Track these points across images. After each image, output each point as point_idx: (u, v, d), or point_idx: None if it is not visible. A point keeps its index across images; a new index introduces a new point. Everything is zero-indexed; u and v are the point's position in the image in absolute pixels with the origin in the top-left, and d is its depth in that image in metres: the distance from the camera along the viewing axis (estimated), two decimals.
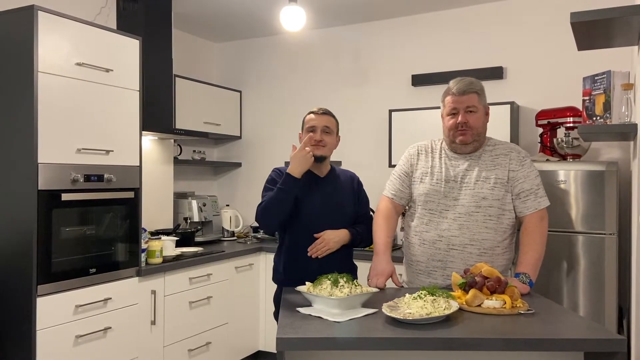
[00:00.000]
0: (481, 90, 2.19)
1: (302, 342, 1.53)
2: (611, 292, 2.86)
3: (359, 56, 4.25)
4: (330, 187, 2.33)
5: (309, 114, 2.38)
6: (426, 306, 1.63)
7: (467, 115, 2.14)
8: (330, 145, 2.36)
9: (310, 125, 2.34)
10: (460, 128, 2.15)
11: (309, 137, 2.28)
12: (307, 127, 2.35)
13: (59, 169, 2.57)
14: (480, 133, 2.18)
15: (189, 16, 4.07)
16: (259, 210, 2.27)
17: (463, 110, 2.14)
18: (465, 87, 2.15)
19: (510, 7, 3.71)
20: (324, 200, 2.28)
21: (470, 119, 2.14)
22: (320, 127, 2.32)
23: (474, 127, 2.15)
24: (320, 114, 2.35)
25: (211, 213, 4.26)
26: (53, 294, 2.52)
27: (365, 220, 2.43)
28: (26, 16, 2.49)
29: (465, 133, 2.15)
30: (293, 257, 2.32)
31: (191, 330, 3.34)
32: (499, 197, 2.13)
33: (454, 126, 2.16)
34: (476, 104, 2.15)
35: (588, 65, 2.95)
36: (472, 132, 2.15)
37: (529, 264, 2.07)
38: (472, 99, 2.15)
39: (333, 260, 2.26)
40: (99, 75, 2.77)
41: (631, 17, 1.80)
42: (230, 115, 4.55)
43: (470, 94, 2.15)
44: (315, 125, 2.33)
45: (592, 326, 1.68)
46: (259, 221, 2.31)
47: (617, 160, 3.23)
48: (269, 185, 2.32)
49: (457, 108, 2.16)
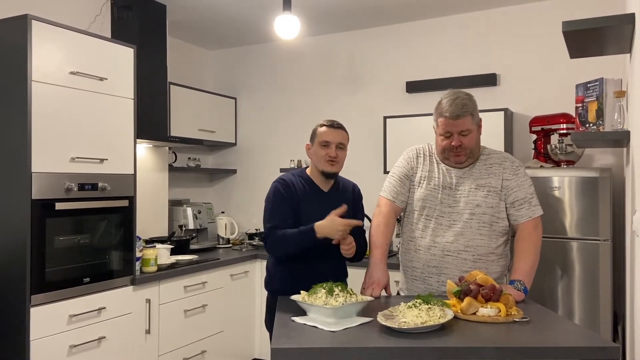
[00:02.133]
0: (474, 109, 2.13)
1: (297, 353, 1.52)
2: (606, 298, 2.86)
3: (353, 63, 4.26)
4: (332, 202, 2.23)
5: (322, 127, 2.29)
6: (421, 315, 1.63)
7: (461, 138, 2.12)
8: (342, 161, 2.32)
9: (325, 139, 2.26)
10: (454, 151, 2.14)
11: (346, 223, 2.13)
12: (321, 141, 2.27)
13: (53, 178, 2.56)
14: (474, 150, 2.17)
15: (183, 24, 4.08)
16: (269, 239, 2.21)
17: (457, 134, 2.12)
18: (459, 111, 2.08)
19: (504, 15, 3.73)
20: (325, 216, 2.17)
21: (465, 140, 2.12)
22: (336, 142, 2.27)
23: (468, 147, 2.14)
24: (336, 129, 2.28)
25: (206, 220, 4.25)
26: (47, 304, 2.51)
27: (360, 234, 2.35)
28: (20, 25, 2.48)
29: (459, 154, 2.15)
30: (291, 269, 2.27)
31: (186, 339, 3.32)
32: (492, 205, 2.14)
33: (448, 147, 2.15)
34: (470, 127, 2.11)
35: (581, 72, 2.97)
36: (466, 152, 2.15)
37: (524, 271, 2.07)
38: (466, 122, 2.10)
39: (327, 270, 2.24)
40: (93, 84, 2.77)
41: (623, 25, 1.82)
42: (225, 123, 4.55)
43: (464, 117, 2.09)
44: (330, 141, 2.26)
45: (587, 334, 1.69)
46: (270, 250, 2.27)
47: (610, 166, 3.25)
48: (274, 200, 2.25)
49: (450, 132, 2.13)
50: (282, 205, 2.24)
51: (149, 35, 3.56)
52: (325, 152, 2.26)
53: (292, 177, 2.33)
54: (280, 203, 2.25)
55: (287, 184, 2.29)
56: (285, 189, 2.27)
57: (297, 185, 2.30)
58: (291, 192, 2.26)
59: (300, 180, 2.33)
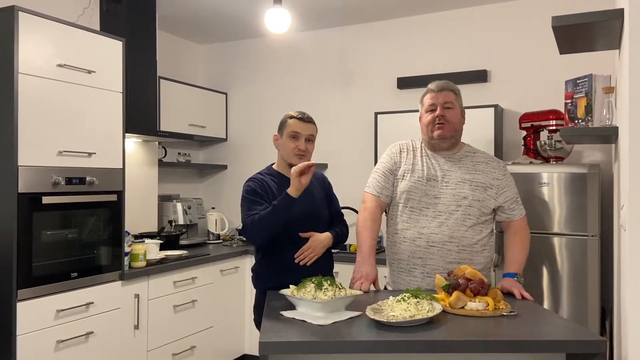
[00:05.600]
0: (458, 91, 2.29)
1: (286, 346, 1.52)
2: (594, 293, 2.89)
3: (344, 59, 4.25)
4: (306, 192, 2.21)
5: (291, 118, 2.27)
6: (410, 309, 1.63)
7: (444, 110, 2.21)
8: (311, 154, 2.31)
9: (293, 130, 2.25)
10: (438, 122, 2.20)
11: (305, 164, 2.12)
12: (290, 132, 2.25)
13: (40, 171, 2.54)
14: (457, 129, 2.25)
15: (173, 18, 4.05)
16: (248, 226, 2.17)
17: (441, 105, 2.22)
18: (443, 85, 2.25)
19: (494, 11, 3.74)
20: (302, 206, 2.19)
21: (448, 113, 2.21)
22: (305, 135, 2.26)
23: (451, 121, 2.21)
24: (306, 122, 2.27)
25: (196, 216, 4.23)
26: (34, 299, 2.48)
27: (339, 217, 2.45)
28: (6, 17, 2.45)
29: (442, 127, 2.20)
30: (275, 263, 2.28)
31: (175, 335, 3.30)
32: (479, 199, 2.19)
33: (431, 121, 2.22)
34: (453, 101, 2.23)
35: (570, 68, 2.98)
36: (449, 126, 2.21)
37: (521, 265, 2.19)
38: (449, 95, 2.23)
39: (314, 264, 2.24)
40: (81, 77, 2.74)
41: (612, 21, 1.82)
42: (215, 118, 4.52)
43: (448, 91, 2.24)
44: (300, 133, 2.25)
45: (575, 328, 1.69)
46: (249, 236, 2.22)
47: (599, 162, 3.27)
48: (251, 197, 2.22)
49: (435, 104, 2.23)
50: (258, 202, 2.21)
51: (138, 28, 3.52)
52: (295, 145, 2.25)
53: (262, 177, 2.31)
54: (256, 199, 2.22)
55: (261, 182, 2.27)
56: (259, 187, 2.25)
57: (270, 183, 2.28)
58: (266, 190, 2.25)
59: (270, 179, 2.31)
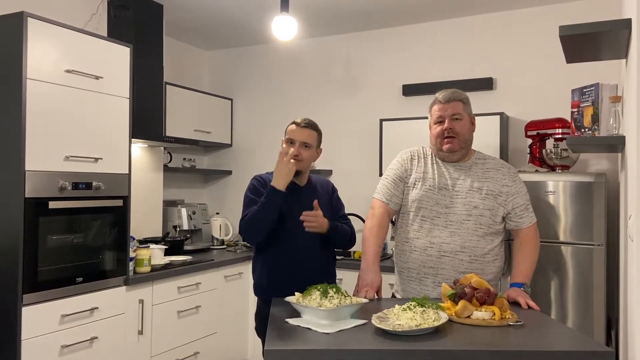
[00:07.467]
0: (466, 99, 2.25)
1: (291, 354, 1.52)
2: (600, 303, 2.87)
3: (350, 66, 4.26)
4: (310, 196, 2.27)
5: (292, 124, 2.34)
6: (415, 317, 1.63)
7: (452, 123, 2.19)
8: (307, 159, 2.32)
9: (289, 137, 2.31)
10: (446, 135, 2.18)
11: (284, 149, 2.25)
12: (287, 138, 2.32)
13: (47, 176, 2.55)
14: (466, 140, 2.23)
15: (180, 24, 4.07)
16: (243, 225, 2.24)
17: (449, 117, 2.19)
18: (450, 95, 2.21)
19: (500, 19, 3.74)
20: (305, 209, 2.22)
21: (456, 125, 2.19)
22: (300, 141, 2.29)
23: (460, 133, 2.19)
24: (302, 127, 2.31)
25: (201, 221, 4.23)
26: (39, 303, 2.49)
27: (344, 221, 2.44)
28: (15, 23, 2.47)
29: (451, 141, 2.19)
30: (277, 267, 2.29)
31: (179, 340, 3.30)
32: (490, 208, 2.17)
33: (440, 134, 2.20)
34: (461, 112, 2.20)
35: (577, 77, 2.98)
36: (458, 139, 2.19)
37: (529, 275, 2.15)
38: (457, 106, 2.20)
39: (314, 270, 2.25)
40: (89, 83, 2.75)
41: (619, 31, 1.82)
42: (221, 123, 4.53)
43: (455, 101, 2.20)
44: (294, 139, 2.30)
45: (581, 338, 1.69)
46: (244, 235, 2.29)
47: (605, 171, 3.26)
48: (251, 195, 2.29)
49: (443, 116, 2.20)
50: (255, 201, 2.24)
51: (145, 34, 3.54)
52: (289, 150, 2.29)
53: (267, 176, 2.36)
54: (254, 198, 2.26)
55: (264, 181, 2.31)
56: (261, 185, 2.29)
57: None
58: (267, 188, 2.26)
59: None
